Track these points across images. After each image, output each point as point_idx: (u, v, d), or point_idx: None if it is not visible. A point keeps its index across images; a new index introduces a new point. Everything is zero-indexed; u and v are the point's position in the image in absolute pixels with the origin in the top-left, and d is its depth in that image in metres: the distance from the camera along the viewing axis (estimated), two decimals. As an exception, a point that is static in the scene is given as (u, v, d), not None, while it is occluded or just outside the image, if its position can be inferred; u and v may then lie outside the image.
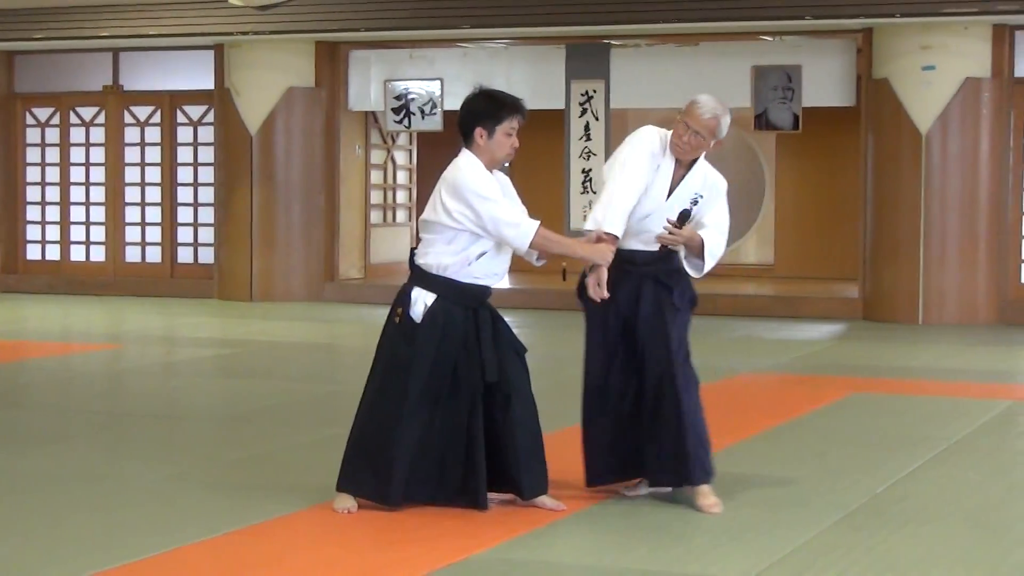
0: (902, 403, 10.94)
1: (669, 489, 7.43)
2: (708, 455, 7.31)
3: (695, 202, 7.31)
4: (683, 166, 7.34)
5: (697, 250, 7.32)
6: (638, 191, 7.24)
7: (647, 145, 7.32)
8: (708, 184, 7.37)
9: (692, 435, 7.24)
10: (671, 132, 7.33)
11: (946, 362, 13.34)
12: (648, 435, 7.32)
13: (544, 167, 20.56)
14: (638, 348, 7.32)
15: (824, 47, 17.59)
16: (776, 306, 17.43)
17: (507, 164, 21.24)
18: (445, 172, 7.16)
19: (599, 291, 7.19)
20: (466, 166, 7.09)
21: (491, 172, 7.17)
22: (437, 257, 7.11)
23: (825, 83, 17.48)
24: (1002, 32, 16.44)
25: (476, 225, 7.04)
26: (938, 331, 15.75)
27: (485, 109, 7.15)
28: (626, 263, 7.30)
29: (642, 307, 7.30)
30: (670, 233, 7.23)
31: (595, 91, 18.03)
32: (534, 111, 20.09)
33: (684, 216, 7.26)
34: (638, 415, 7.35)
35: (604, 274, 7.17)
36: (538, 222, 7.10)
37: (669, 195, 7.29)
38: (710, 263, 7.38)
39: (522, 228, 7.05)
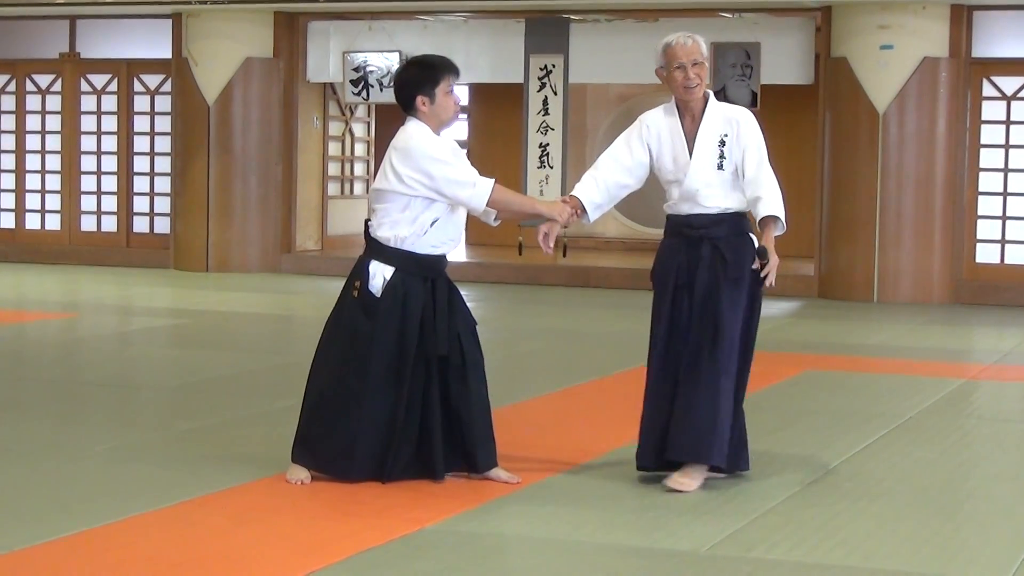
0: (856, 380, 10.99)
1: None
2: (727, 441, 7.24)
3: (722, 142, 7.18)
4: (692, 118, 7.24)
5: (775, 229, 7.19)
6: (620, 163, 7.27)
7: (638, 123, 7.34)
8: (728, 120, 7.23)
9: (722, 416, 7.17)
10: (671, 90, 7.28)
11: (900, 340, 13.41)
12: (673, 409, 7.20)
13: (502, 141, 20.54)
14: (691, 317, 7.19)
15: (783, 25, 17.61)
16: (732, 283, 17.45)
17: (466, 139, 20.95)
18: (395, 140, 7.16)
19: (546, 242, 7.19)
20: (416, 132, 7.11)
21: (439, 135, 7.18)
22: (393, 228, 7.09)
23: (783, 61, 17.49)
24: (960, 12, 16.49)
25: (430, 189, 7.03)
26: (893, 309, 15.82)
27: (420, 76, 7.18)
28: (683, 227, 7.25)
29: (699, 273, 7.17)
30: (765, 271, 7.10)
31: (554, 66, 17.99)
32: (493, 85, 20.08)
33: (762, 253, 7.13)
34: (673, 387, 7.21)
35: (555, 229, 7.20)
36: (493, 180, 7.11)
37: (692, 150, 7.20)
38: (781, 212, 7.18)
39: (478, 188, 7.05)
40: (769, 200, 7.15)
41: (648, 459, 7.31)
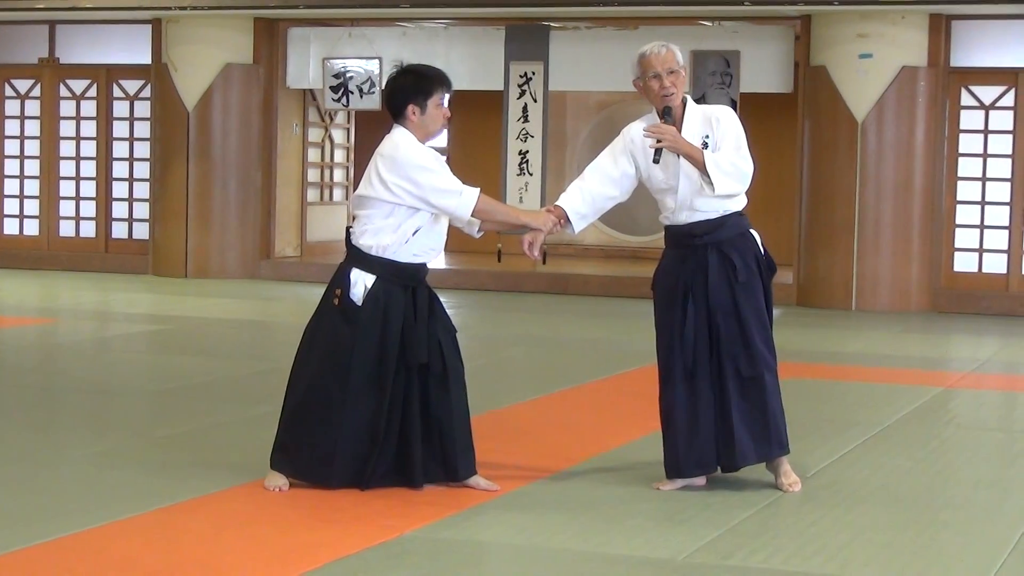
0: (834, 388, 11.01)
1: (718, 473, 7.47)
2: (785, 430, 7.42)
3: (704, 144, 7.20)
4: (674, 124, 7.24)
5: (699, 163, 7.10)
6: (605, 174, 7.31)
7: (622, 136, 7.37)
8: (708, 119, 7.26)
9: (775, 411, 7.34)
10: (648, 100, 7.30)
11: (878, 348, 13.43)
12: (730, 416, 7.26)
13: (481, 148, 20.55)
14: (711, 324, 7.25)
15: (762, 33, 17.64)
16: (711, 290, 17.46)
17: (445, 147, 20.94)
18: (380, 147, 7.16)
19: (531, 251, 7.27)
20: (403, 140, 7.11)
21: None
22: (376, 236, 7.10)
23: (763, 69, 17.52)
24: (938, 21, 16.54)
25: (415, 198, 7.04)
26: (871, 317, 15.85)
27: (414, 85, 7.17)
28: (686, 237, 7.29)
29: (711, 280, 7.24)
30: (657, 134, 7.06)
31: (534, 73, 18.02)
32: (473, 92, 20.14)
33: (666, 111, 7.16)
34: (719, 396, 7.28)
35: (540, 238, 7.27)
36: (478, 190, 7.13)
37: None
38: (718, 175, 7.08)
39: (464, 197, 7.07)
40: (720, 160, 7.10)
41: (691, 467, 7.33)
